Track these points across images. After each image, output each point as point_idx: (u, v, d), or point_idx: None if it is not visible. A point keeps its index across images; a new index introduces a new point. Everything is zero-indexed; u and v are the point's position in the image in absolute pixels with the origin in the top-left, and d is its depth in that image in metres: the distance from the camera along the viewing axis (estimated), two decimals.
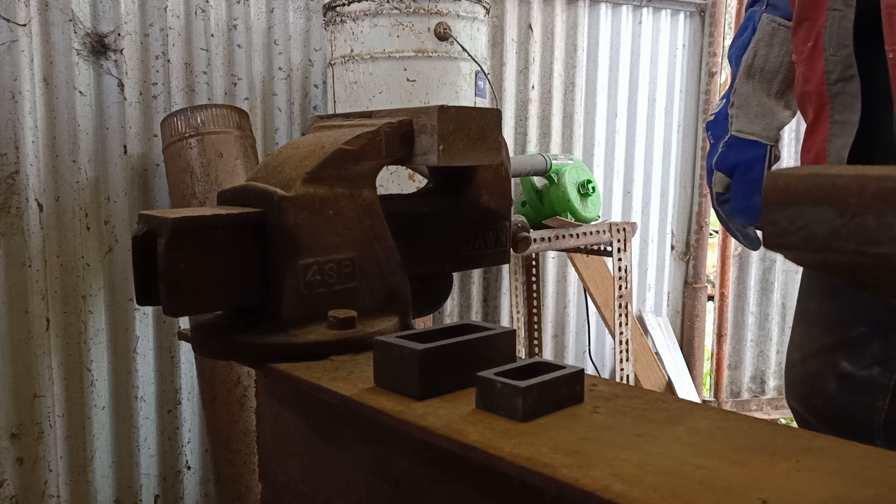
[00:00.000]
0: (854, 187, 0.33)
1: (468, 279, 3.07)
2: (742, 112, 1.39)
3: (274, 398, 0.75)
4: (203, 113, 2.23)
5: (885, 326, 1.34)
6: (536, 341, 3.03)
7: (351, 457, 0.64)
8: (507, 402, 0.52)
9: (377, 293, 0.76)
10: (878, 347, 1.33)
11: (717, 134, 1.42)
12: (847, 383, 1.37)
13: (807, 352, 1.42)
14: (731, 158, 1.40)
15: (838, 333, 1.37)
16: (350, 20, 2.27)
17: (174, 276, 0.67)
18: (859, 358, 1.35)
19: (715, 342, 3.60)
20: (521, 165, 2.59)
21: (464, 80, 2.31)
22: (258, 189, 0.73)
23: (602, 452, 0.47)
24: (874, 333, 1.34)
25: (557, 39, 3.14)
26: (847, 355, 1.36)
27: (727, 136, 1.40)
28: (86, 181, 2.34)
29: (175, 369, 2.53)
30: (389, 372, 0.59)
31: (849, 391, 1.37)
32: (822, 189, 0.34)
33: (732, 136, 1.40)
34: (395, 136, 0.77)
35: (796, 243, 0.35)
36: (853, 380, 1.36)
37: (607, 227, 2.69)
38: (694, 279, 3.58)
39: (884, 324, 1.34)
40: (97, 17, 2.34)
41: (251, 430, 2.18)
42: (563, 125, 3.20)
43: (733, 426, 0.51)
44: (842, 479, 0.43)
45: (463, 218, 0.89)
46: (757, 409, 3.70)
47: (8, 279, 2.21)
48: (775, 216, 0.36)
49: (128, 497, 2.50)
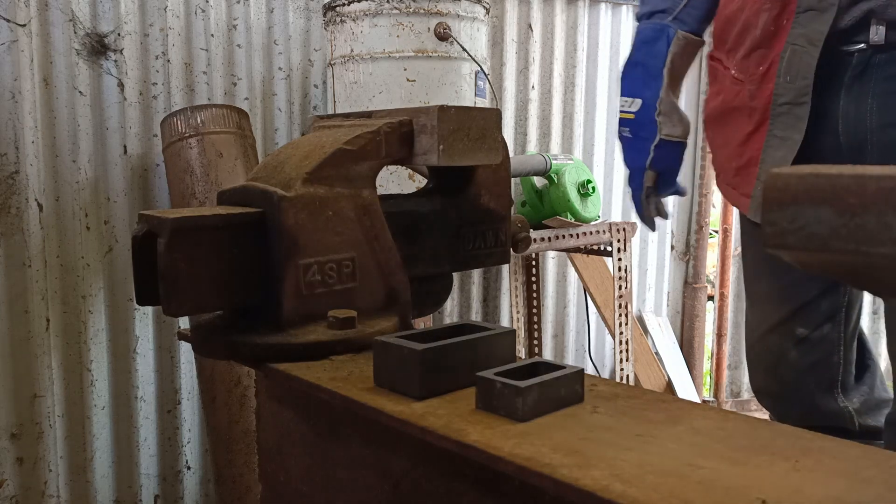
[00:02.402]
0: (854, 187, 0.33)
1: (468, 279, 3.07)
2: (667, 118, 1.58)
3: (274, 398, 0.75)
4: (203, 113, 2.23)
5: (832, 286, 1.52)
6: (536, 341, 3.03)
7: (351, 457, 0.64)
8: (507, 402, 0.52)
9: (377, 293, 0.76)
10: (826, 306, 1.52)
11: (644, 135, 1.60)
12: (804, 346, 1.54)
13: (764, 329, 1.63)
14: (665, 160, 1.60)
15: (793, 303, 1.54)
16: (350, 20, 2.27)
17: (174, 276, 0.67)
18: (813, 320, 1.53)
19: (715, 342, 3.60)
20: (521, 165, 2.59)
21: (464, 80, 2.31)
22: (258, 189, 0.73)
23: (602, 452, 0.47)
24: (823, 294, 1.53)
25: (557, 39, 3.14)
26: (802, 320, 1.54)
27: (656, 140, 1.58)
28: (86, 181, 2.34)
29: (175, 369, 2.53)
30: (389, 372, 0.59)
31: (808, 353, 1.55)
32: (821, 189, 0.34)
33: (662, 139, 1.58)
34: (395, 136, 0.77)
35: (796, 243, 0.35)
36: (808, 342, 1.54)
37: (607, 227, 2.69)
38: (694, 279, 3.58)
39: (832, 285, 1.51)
40: (97, 18, 2.34)
41: (251, 430, 2.18)
42: (563, 125, 3.20)
43: (733, 426, 0.51)
44: (842, 479, 0.43)
45: (463, 218, 0.89)
46: (757, 409, 3.70)
47: (8, 279, 2.21)
48: (775, 216, 0.36)
49: (128, 497, 2.50)
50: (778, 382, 1.61)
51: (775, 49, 1.38)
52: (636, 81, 1.63)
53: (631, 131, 1.63)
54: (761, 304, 1.62)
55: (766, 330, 1.60)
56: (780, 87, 1.38)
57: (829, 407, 1.57)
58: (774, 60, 1.38)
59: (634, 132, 1.63)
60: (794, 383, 1.57)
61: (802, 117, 1.36)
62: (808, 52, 1.33)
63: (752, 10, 1.42)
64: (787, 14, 1.35)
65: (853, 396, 1.58)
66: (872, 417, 1.59)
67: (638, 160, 1.62)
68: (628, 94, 1.65)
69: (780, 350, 1.58)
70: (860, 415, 1.58)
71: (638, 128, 1.62)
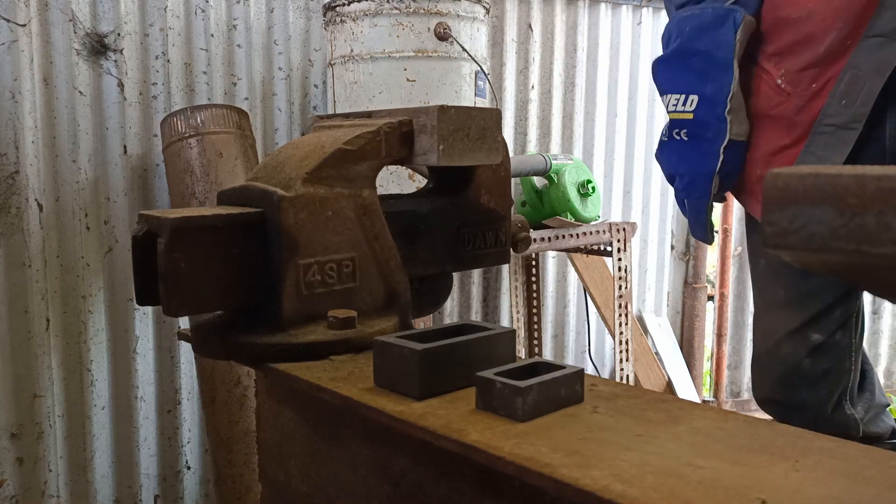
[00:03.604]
0: (854, 187, 0.33)
1: (468, 279, 3.06)
2: (735, 116, 1.43)
3: (274, 398, 0.75)
4: (203, 113, 2.23)
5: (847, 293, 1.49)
6: (536, 341, 3.03)
7: (351, 457, 0.64)
8: (507, 402, 0.52)
9: (377, 293, 0.76)
10: (840, 313, 1.50)
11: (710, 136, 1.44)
12: (818, 353, 1.52)
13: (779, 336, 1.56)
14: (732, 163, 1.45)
15: (810, 310, 1.51)
16: (350, 20, 2.27)
17: (174, 276, 0.67)
18: (827, 326, 1.50)
19: (715, 342, 3.60)
20: (520, 165, 2.59)
21: (464, 80, 2.31)
22: (258, 189, 0.73)
23: (602, 452, 0.47)
24: (838, 301, 1.49)
25: (557, 39, 3.14)
26: (817, 327, 1.51)
27: (726, 140, 1.42)
28: (86, 181, 2.34)
29: (175, 369, 2.53)
30: (389, 372, 0.59)
31: (821, 360, 1.52)
32: (821, 189, 0.34)
33: (731, 140, 1.43)
34: (395, 136, 0.77)
35: (796, 243, 0.35)
36: (822, 348, 1.51)
37: (607, 227, 2.69)
38: (694, 279, 3.58)
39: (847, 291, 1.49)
40: (97, 18, 2.34)
41: (251, 430, 2.18)
42: (562, 125, 3.20)
43: (733, 426, 0.51)
44: (842, 479, 0.43)
45: (463, 218, 0.89)
46: (757, 410, 3.69)
47: (8, 279, 2.21)
48: (775, 216, 0.36)
49: (128, 497, 2.50)
50: (789, 392, 1.58)
51: (833, 69, 1.31)
52: (690, 75, 1.45)
53: (689, 133, 1.46)
54: (777, 310, 1.56)
55: (781, 336, 1.54)
56: (831, 108, 1.31)
57: (837, 416, 1.54)
58: (830, 80, 1.31)
59: (694, 133, 1.46)
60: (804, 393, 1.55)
61: (848, 142, 1.30)
62: (872, 80, 1.27)
63: (820, 26, 1.32)
64: (854, 36, 1.29)
65: (858, 404, 1.57)
66: (874, 424, 1.58)
67: (702, 164, 1.46)
68: (680, 91, 1.47)
69: (794, 359, 1.53)
70: (864, 422, 1.57)
71: (699, 128, 1.45)
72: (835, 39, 1.31)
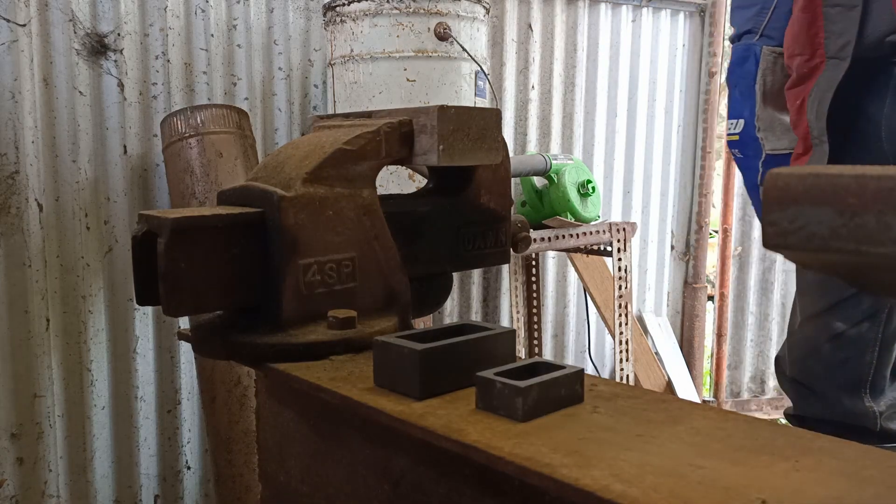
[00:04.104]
0: (854, 187, 0.33)
1: (468, 279, 3.06)
2: (769, 133, 1.65)
3: (274, 398, 0.75)
4: (203, 113, 2.22)
5: None
6: (536, 341, 3.03)
7: (351, 457, 0.64)
8: (507, 402, 0.52)
9: (377, 293, 0.76)
10: (868, 304, 1.56)
11: (750, 154, 1.70)
12: (838, 342, 1.58)
13: (805, 317, 1.66)
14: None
15: (833, 297, 1.58)
16: (350, 20, 2.27)
17: (174, 276, 0.67)
18: (852, 316, 1.57)
19: (715, 342, 3.60)
20: (520, 165, 2.59)
21: (464, 80, 2.31)
22: (258, 189, 0.73)
23: (602, 452, 0.46)
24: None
25: (557, 39, 3.14)
26: (840, 315, 1.58)
27: (763, 156, 1.66)
28: (86, 181, 2.34)
29: (175, 369, 2.53)
30: (389, 372, 0.59)
31: (840, 349, 1.58)
32: (822, 189, 0.34)
33: (768, 155, 1.65)
34: (395, 136, 0.77)
35: (796, 243, 0.35)
36: (844, 338, 1.57)
37: (607, 227, 2.69)
38: (694, 279, 3.58)
39: None
40: (97, 18, 2.34)
41: (251, 430, 2.18)
42: (562, 125, 3.20)
43: (733, 426, 0.51)
44: (842, 479, 0.43)
45: (463, 218, 0.89)
46: (757, 409, 3.70)
47: (8, 279, 2.21)
48: (775, 216, 0.36)
49: (128, 497, 2.50)
50: (806, 373, 1.64)
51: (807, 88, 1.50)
52: (736, 103, 1.73)
53: (740, 151, 1.72)
54: (808, 293, 1.68)
55: (805, 318, 1.65)
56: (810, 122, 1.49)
57: (853, 406, 1.58)
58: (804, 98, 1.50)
59: (743, 152, 1.72)
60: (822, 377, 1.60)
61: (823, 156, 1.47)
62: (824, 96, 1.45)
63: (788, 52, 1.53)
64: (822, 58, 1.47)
65: (881, 399, 1.60)
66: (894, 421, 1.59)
67: (748, 178, 1.72)
68: (733, 117, 1.75)
69: (814, 343, 1.62)
70: (884, 417, 1.58)
71: (744, 147, 1.71)
72: (800, 63, 1.51)
